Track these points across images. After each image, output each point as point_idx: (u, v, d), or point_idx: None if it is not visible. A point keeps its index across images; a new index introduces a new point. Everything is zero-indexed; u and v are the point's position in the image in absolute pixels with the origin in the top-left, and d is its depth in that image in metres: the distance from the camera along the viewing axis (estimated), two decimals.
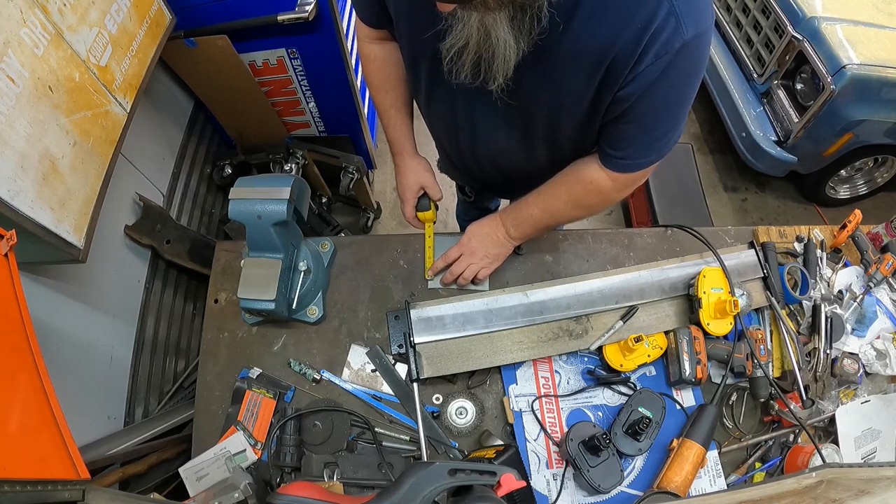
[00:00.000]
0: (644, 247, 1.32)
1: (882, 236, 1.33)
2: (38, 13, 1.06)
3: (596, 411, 1.15)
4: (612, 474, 1.02)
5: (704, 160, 2.97)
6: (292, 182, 1.04)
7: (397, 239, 1.31)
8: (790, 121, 2.36)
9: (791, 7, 2.31)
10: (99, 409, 1.40)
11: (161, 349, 1.71)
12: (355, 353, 1.19)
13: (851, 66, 2.07)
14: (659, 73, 0.74)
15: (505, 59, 0.75)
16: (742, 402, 1.18)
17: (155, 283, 1.71)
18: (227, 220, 2.00)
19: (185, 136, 2.01)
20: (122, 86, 1.32)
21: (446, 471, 0.70)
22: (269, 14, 1.68)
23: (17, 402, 0.73)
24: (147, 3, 1.42)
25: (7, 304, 0.80)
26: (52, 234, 1.07)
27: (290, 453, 1.09)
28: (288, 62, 1.91)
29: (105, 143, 1.25)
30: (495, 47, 0.74)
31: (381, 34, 1.05)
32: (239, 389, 1.14)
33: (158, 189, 1.78)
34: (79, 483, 0.73)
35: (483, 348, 1.15)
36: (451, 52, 0.79)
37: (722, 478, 1.09)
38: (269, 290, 1.05)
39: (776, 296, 1.21)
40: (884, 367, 1.17)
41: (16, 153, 0.99)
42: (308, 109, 2.14)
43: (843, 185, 2.78)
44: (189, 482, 1.05)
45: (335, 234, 2.32)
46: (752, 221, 2.78)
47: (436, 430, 1.12)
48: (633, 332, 1.13)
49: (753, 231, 1.34)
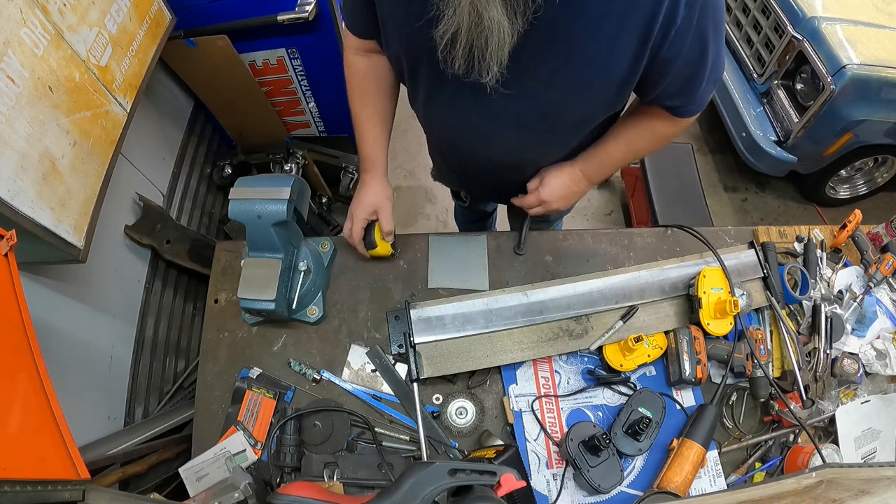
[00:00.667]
0: (644, 247, 1.32)
1: (882, 236, 1.33)
2: (38, 13, 1.06)
3: (596, 411, 1.15)
4: (612, 474, 1.02)
5: (704, 160, 2.97)
6: (292, 182, 1.04)
7: (397, 239, 1.31)
8: (790, 121, 2.36)
9: (791, 7, 2.31)
10: (99, 409, 1.40)
11: (161, 349, 1.72)
12: (355, 353, 1.19)
13: (851, 66, 2.07)
14: (695, 18, 0.74)
15: (499, 43, 0.72)
16: (742, 402, 1.18)
17: (155, 283, 1.71)
18: (227, 220, 2.00)
19: (185, 136, 2.01)
20: (122, 86, 1.32)
21: (446, 471, 0.70)
22: (269, 14, 1.69)
23: (17, 402, 0.73)
24: (147, 3, 1.42)
25: (7, 304, 0.80)
26: (52, 234, 1.07)
27: (290, 453, 1.09)
28: (288, 62, 1.91)
29: (105, 143, 1.25)
30: (488, 31, 0.71)
31: (368, 45, 1.03)
32: (239, 389, 1.14)
33: (158, 189, 1.78)
34: (79, 483, 0.73)
35: (483, 348, 1.15)
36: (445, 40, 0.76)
37: (722, 478, 1.09)
38: (269, 290, 1.05)
39: (776, 296, 1.21)
40: (884, 367, 1.17)
41: (16, 153, 0.99)
42: (308, 109, 2.14)
43: (843, 185, 2.78)
44: (189, 482, 1.05)
45: (335, 234, 2.32)
46: (752, 221, 2.78)
47: (436, 430, 1.12)
48: (633, 332, 1.13)
49: (753, 231, 1.34)
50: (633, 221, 2.60)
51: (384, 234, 1.15)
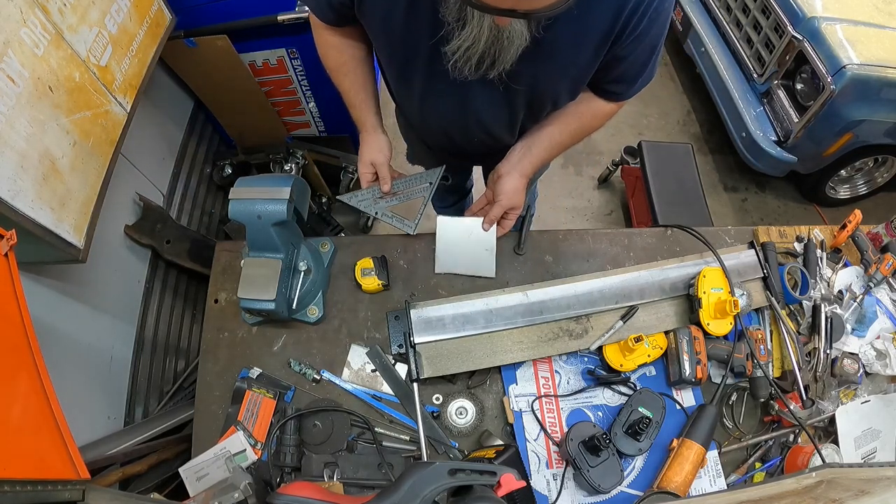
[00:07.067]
0: (644, 247, 1.32)
1: (882, 236, 1.33)
2: (38, 13, 1.06)
3: (596, 411, 1.15)
4: (612, 474, 1.02)
5: (704, 160, 2.97)
6: (292, 182, 1.04)
7: (397, 239, 1.31)
8: (790, 121, 2.36)
9: (791, 7, 2.31)
10: (99, 409, 1.40)
11: (161, 349, 1.71)
12: (355, 353, 1.19)
13: (851, 66, 2.07)
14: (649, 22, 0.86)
15: (517, 49, 0.82)
16: (742, 402, 1.18)
17: (155, 283, 1.71)
18: (227, 220, 1.99)
19: (185, 136, 2.01)
20: (122, 86, 1.32)
21: (446, 471, 0.70)
22: (269, 14, 1.69)
23: (17, 402, 0.73)
24: (147, 3, 1.42)
25: (7, 304, 0.80)
26: (52, 234, 1.07)
27: (290, 453, 1.09)
28: (288, 62, 1.91)
29: (105, 143, 1.25)
30: (507, 41, 0.80)
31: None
32: (239, 389, 1.14)
33: (158, 189, 1.78)
34: (79, 483, 0.73)
35: (483, 348, 1.15)
36: (458, 52, 0.83)
37: (722, 478, 1.09)
38: (269, 290, 1.05)
39: (776, 296, 1.21)
40: (884, 367, 1.17)
41: (16, 153, 0.99)
42: (308, 109, 2.14)
43: (843, 185, 2.78)
44: (189, 482, 1.05)
45: (335, 234, 2.32)
46: (752, 221, 2.78)
47: (436, 430, 1.12)
48: (633, 332, 1.13)
49: (753, 231, 1.34)
50: (633, 221, 2.60)
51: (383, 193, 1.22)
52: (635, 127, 3.06)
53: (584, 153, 2.92)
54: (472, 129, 1.13)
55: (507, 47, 0.81)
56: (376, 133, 1.20)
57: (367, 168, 1.21)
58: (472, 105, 1.05)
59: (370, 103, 1.19)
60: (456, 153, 1.31)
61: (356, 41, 1.11)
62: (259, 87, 1.94)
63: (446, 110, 1.10)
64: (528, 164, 1.16)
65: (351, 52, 1.12)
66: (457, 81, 0.93)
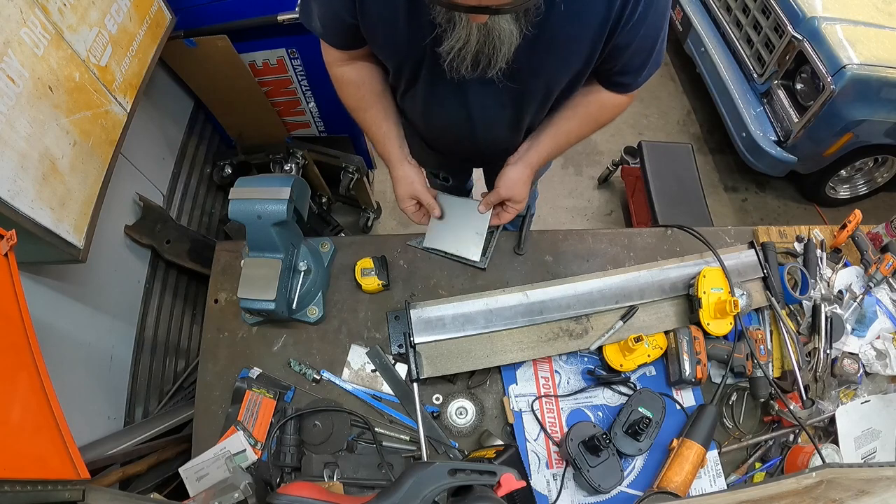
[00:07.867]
0: (644, 247, 1.32)
1: (882, 236, 1.33)
2: (38, 13, 1.06)
3: (596, 411, 1.15)
4: (612, 474, 1.02)
5: (704, 160, 2.97)
6: (292, 182, 1.04)
7: (397, 239, 1.31)
8: (790, 121, 2.36)
9: (791, 7, 2.30)
10: (99, 409, 1.40)
11: (161, 349, 1.71)
12: (355, 353, 1.19)
13: (851, 66, 2.06)
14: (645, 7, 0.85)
15: (509, 46, 0.82)
16: (742, 402, 1.18)
17: (155, 283, 1.71)
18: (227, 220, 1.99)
19: (185, 136, 2.01)
20: (122, 86, 1.32)
21: (446, 471, 0.70)
22: (269, 14, 1.68)
23: (17, 402, 0.73)
24: (147, 3, 1.42)
25: (7, 304, 0.80)
26: (52, 234, 1.07)
27: (290, 453, 1.09)
28: (288, 62, 1.91)
29: (105, 143, 1.25)
30: (497, 40, 0.80)
31: (350, 54, 1.06)
32: (239, 389, 1.14)
33: (158, 189, 1.78)
34: (79, 483, 0.73)
35: (483, 348, 1.15)
36: (452, 53, 0.83)
37: (722, 478, 1.09)
38: (269, 290, 1.05)
39: (776, 296, 1.21)
40: (884, 367, 1.17)
41: (16, 153, 0.99)
42: (308, 109, 2.14)
43: (843, 185, 2.78)
44: (189, 482, 1.05)
45: (335, 234, 2.32)
46: (752, 221, 2.78)
47: (436, 430, 1.12)
48: (633, 332, 1.13)
49: (753, 231, 1.34)
50: (633, 221, 2.60)
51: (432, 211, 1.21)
52: (635, 127, 3.06)
53: (584, 153, 2.92)
54: (476, 129, 1.13)
55: (500, 46, 0.81)
56: (403, 165, 1.18)
57: (409, 203, 1.20)
58: (473, 104, 1.06)
59: (392, 134, 1.17)
60: (460, 155, 1.30)
61: (372, 73, 1.09)
62: (259, 87, 1.94)
63: (449, 111, 1.10)
64: (535, 154, 1.15)
65: (369, 87, 1.11)
66: (457, 82, 0.93)
